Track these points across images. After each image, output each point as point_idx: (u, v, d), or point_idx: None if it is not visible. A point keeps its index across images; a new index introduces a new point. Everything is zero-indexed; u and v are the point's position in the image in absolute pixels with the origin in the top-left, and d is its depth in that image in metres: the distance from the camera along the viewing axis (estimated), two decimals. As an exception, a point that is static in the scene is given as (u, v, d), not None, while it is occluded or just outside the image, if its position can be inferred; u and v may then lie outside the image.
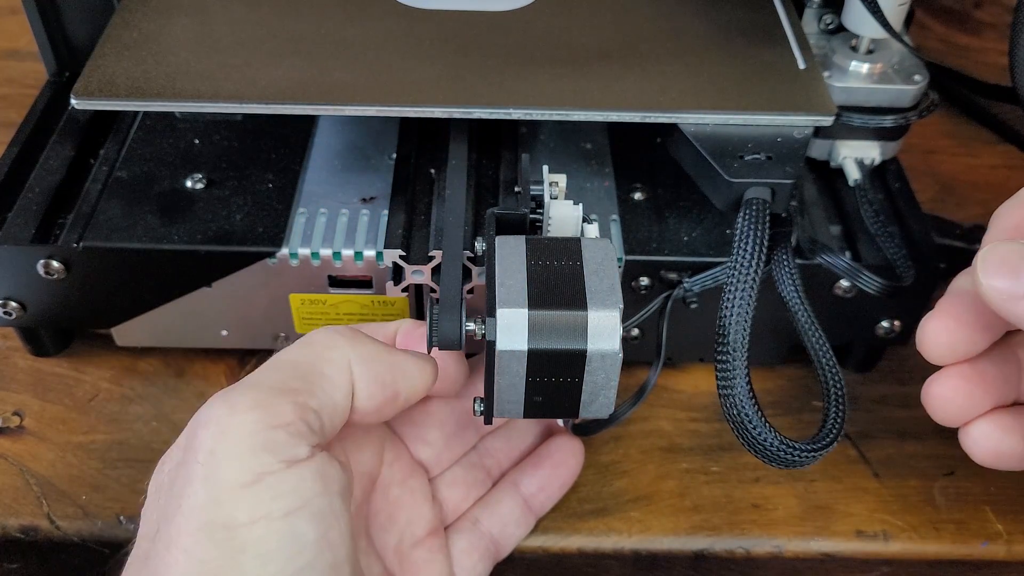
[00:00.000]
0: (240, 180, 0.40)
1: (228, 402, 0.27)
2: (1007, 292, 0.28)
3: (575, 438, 0.38)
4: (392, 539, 0.34)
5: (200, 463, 0.26)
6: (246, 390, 0.28)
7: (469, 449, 0.37)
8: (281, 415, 0.27)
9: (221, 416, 0.27)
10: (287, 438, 0.27)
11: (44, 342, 0.42)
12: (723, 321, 0.33)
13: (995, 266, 0.29)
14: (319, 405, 0.28)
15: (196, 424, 0.28)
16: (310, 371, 0.29)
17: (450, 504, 0.36)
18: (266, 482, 0.26)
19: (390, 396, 0.30)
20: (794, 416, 0.41)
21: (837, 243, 0.40)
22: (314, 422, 0.28)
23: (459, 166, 0.38)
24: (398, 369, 0.31)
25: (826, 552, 0.37)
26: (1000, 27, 0.65)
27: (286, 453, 0.27)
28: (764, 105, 0.37)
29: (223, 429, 0.27)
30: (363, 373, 0.30)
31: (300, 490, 0.26)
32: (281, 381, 0.28)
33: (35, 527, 0.36)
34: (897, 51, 0.41)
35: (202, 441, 0.27)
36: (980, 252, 0.29)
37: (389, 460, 0.35)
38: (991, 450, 0.32)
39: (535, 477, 0.37)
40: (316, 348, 0.30)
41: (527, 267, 0.29)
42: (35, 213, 0.38)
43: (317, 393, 0.29)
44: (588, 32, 0.40)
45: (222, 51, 0.38)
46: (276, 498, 0.26)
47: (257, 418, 0.27)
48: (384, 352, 0.31)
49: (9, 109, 0.54)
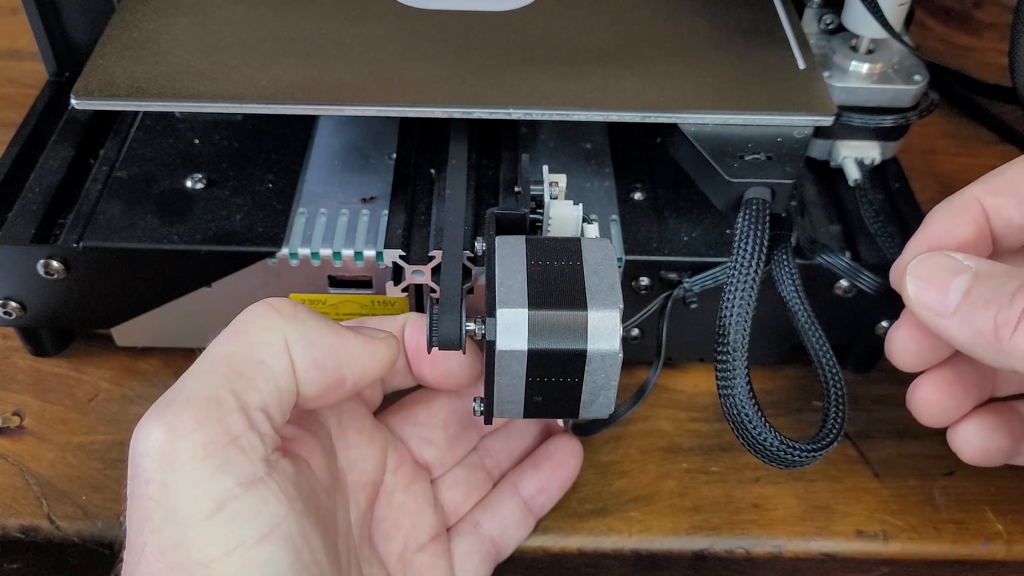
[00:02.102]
0: (240, 180, 0.40)
1: (167, 424, 0.25)
2: (934, 309, 0.28)
3: (574, 438, 0.38)
4: (396, 546, 0.33)
5: (153, 499, 0.25)
6: (184, 407, 0.25)
7: (471, 450, 0.37)
8: (229, 429, 0.25)
9: (162, 443, 0.25)
10: (241, 456, 0.25)
11: (44, 342, 0.42)
12: (723, 321, 0.33)
13: (923, 281, 0.29)
14: (263, 401, 0.27)
15: (136, 452, 0.25)
16: (246, 363, 0.27)
17: (451, 506, 0.36)
18: (230, 508, 0.25)
19: (333, 381, 0.28)
20: (794, 416, 0.41)
21: (837, 243, 0.40)
22: (263, 425, 0.26)
23: (459, 166, 0.38)
24: (342, 351, 0.29)
25: (826, 552, 0.37)
26: (1000, 27, 0.65)
27: (244, 473, 0.25)
28: (764, 105, 0.37)
29: (169, 458, 0.25)
30: (302, 355, 0.28)
31: (266, 513, 0.25)
32: (217, 385, 0.26)
33: (35, 527, 0.36)
34: (897, 51, 0.41)
35: (149, 473, 0.25)
36: (909, 264, 0.29)
37: (392, 467, 0.34)
38: (980, 449, 0.33)
39: (535, 479, 0.37)
40: (249, 332, 0.28)
41: (527, 267, 0.29)
42: (35, 213, 0.38)
43: (259, 386, 0.27)
44: (588, 32, 0.40)
45: (222, 51, 0.38)
46: (244, 525, 0.25)
47: (204, 439, 0.25)
48: (327, 332, 0.28)
49: (9, 109, 0.54)
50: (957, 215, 0.30)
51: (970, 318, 0.27)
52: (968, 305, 0.28)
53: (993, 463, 0.33)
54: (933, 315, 0.28)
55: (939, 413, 0.32)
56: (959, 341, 0.28)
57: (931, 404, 0.32)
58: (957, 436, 0.33)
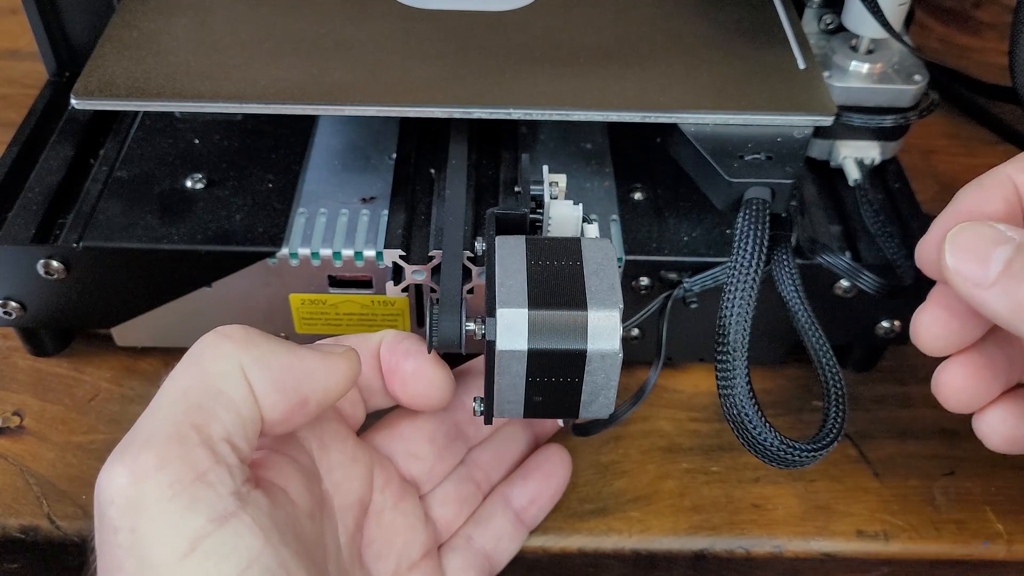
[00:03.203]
0: (240, 180, 0.40)
1: (128, 468, 0.24)
2: (973, 280, 0.27)
3: (562, 448, 0.38)
4: (389, 565, 0.33)
5: (123, 547, 0.24)
6: (144, 447, 0.25)
7: (458, 463, 0.36)
8: (194, 465, 0.25)
9: (125, 487, 0.24)
10: (209, 491, 0.24)
11: (44, 342, 0.42)
12: (723, 321, 0.33)
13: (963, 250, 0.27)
14: (227, 432, 0.26)
15: (101, 501, 0.24)
16: (203, 395, 0.26)
17: (443, 522, 0.35)
18: (203, 547, 0.24)
19: (297, 403, 0.28)
20: (794, 416, 0.41)
21: (837, 243, 0.40)
22: (230, 457, 0.26)
23: (459, 166, 0.38)
24: (300, 370, 0.28)
25: (826, 552, 0.37)
26: (1000, 27, 0.65)
27: (214, 509, 0.24)
28: (764, 105, 0.37)
29: (134, 503, 0.24)
30: (260, 380, 0.27)
31: (241, 547, 0.24)
32: (176, 422, 0.25)
33: (35, 527, 0.36)
34: (897, 51, 0.41)
35: (116, 522, 0.24)
36: (949, 233, 0.28)
37: (380, 485, 0.33)
38: (1006, 436, 0.31)
39: (525, 490, 0.36)
40: (203, 364, 0.27)
41: (527, 267, 0.29)
42: (35, 213, 0.38)
43: (221, 416, 0.26)
44: (588, 32, 0.40)
45: (222, 51, 0.38)
46: (221, 562, 0.24)
47: (169, 478, 0.24)
48: (283, 353, 0.28)
49: (9, 109, 0.54)
50: (988, 191, 0.29)
51: (1011, 289, 0.26)
52: (1009, 276, 0.27)
53: (1020, 451, 0.32)
54: (971, 286, 0.27)
55: (965, 398, 0.31)
56: (998, 313, 0.27)
57: (957, 389, 0.31)
58: (983, 423, 0.31)
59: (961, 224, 0.28)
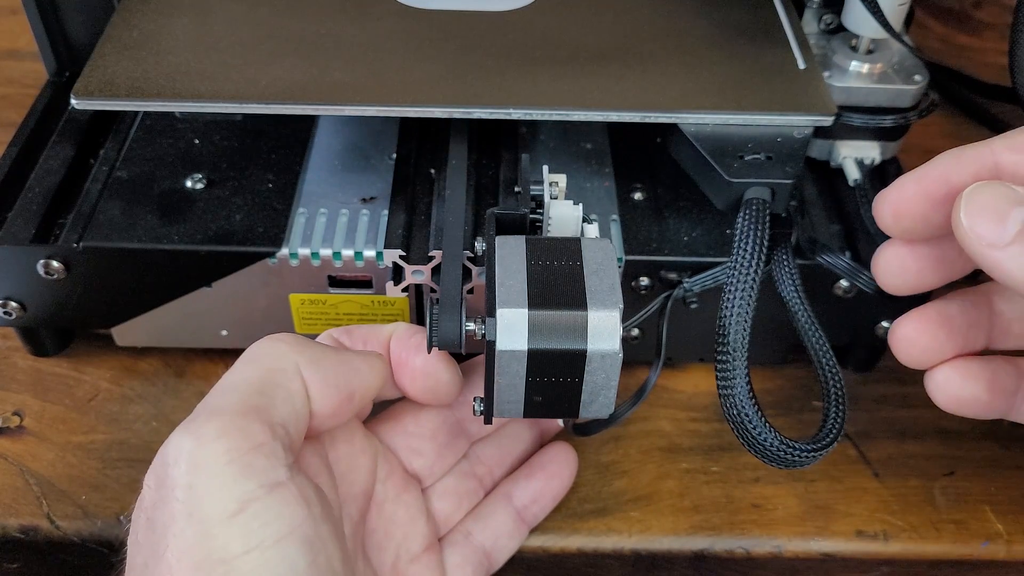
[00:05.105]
0: (240, 180, 0.40)
1: (194, 434, 0.26)
2: (987, 239, 0.27)
3: (568, 447, 0.38)
4: (389, 557, 0.33)
5: (180, 500, 0.26)
6: (209, 418, 0.27)
7: (461, 457, 0.36)
8: (253, 437, 0.27)
9: (190, 450, 0.26)
10: (264, 461, 0.26)
11: (44, 342, 0.42)
12: (723, 321, 0.33)
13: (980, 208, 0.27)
14: (284, 419, 0.28)
15: (164, 463, 0.27)
16: (264, 385, 0.28)
17: (443, 516, 0.35)
18: (252, 509, 0.25)
19: (345, 397, 0.30)
20: (794, 416, 0.41)
21: (837, 243, 0.40)
22: (284, 438, 0.27)
23: (459, 166, 0.38)
24: (349, 369, 0.30)
25: (826, 552, 0.37)
26: (1000, 27, 0.65)
27: (266, 477, 0.26)
28: (764, 105, 0.37)
29: (196, 463, 0.26)
30: (314, 377, 0.29)
31: (285, 515, 0.26)
32: (241, 402, 0.28)
33: (35, 527, 0.36)
34: (897, 51, 0.41)
35: (176, 478, 0.26)
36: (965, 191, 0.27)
37: (383, 476, 0.34)
38: (952, 395, 0.32)
39: (528, 488, 0.36)
40: (263, 361, 0.29)
41: (527, 267, 0.29)
42: (35, 213, 0.38)
43: (279, 406, 0.28)
44: (588, 32, 0.40)
45: (222, 51, 0.38)
46: (265, 525, 0.25)
47: (229, 445, 0.26)
48: (331, 353, 0.30)
49: (9, 109, 0.54)
50: (962, 164, 0.29)
51: None
52: None
53: (970, 414, 0.32)
54: (985, 245, 0.27)
55: (917, 353, 0.32)
56: (1011, 273, 0.27)
57: (910, 343, 0.32)
58: (931, 379, 0.32)
59: (979, 183, 0.27)
